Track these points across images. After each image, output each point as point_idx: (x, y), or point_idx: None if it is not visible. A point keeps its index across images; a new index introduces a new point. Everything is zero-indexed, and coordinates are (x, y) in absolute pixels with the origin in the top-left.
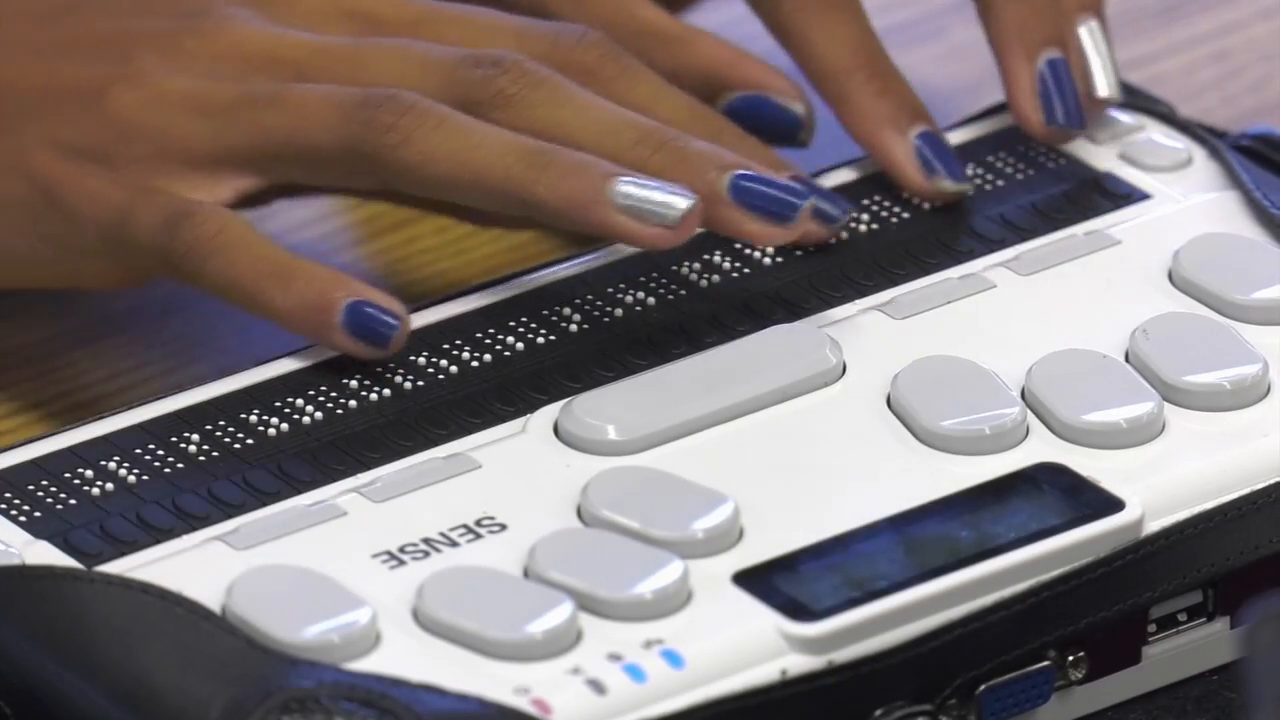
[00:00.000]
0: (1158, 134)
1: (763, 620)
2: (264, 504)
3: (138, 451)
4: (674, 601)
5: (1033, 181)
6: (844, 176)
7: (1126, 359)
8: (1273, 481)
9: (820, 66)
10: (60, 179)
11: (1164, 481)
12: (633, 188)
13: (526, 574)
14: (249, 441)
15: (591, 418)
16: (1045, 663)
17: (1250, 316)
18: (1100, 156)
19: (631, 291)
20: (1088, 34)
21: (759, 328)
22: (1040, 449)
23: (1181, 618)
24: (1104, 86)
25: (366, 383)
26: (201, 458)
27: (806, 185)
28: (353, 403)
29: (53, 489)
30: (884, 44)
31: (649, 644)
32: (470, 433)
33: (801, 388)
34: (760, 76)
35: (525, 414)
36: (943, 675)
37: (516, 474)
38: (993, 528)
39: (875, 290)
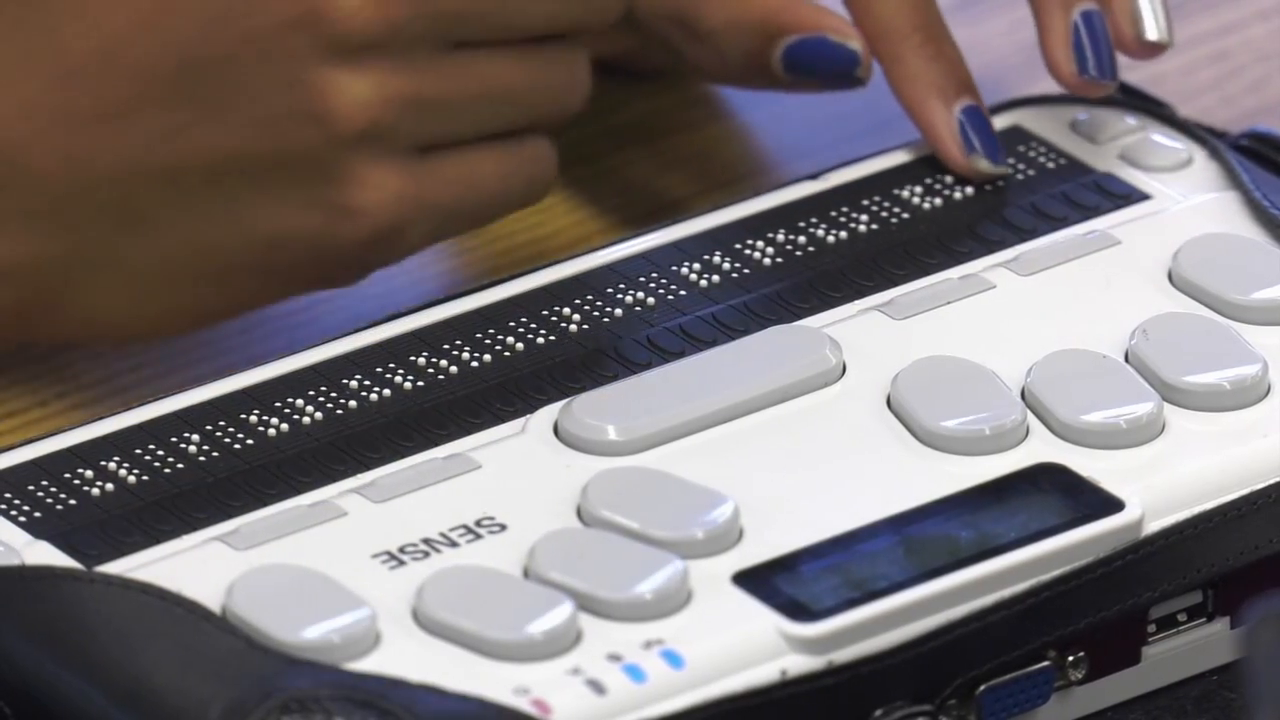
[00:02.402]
0: (1157, 134)
1: (763, 620)
2: (264, 504)
3: (138, 452)
4: (674, 602)
5: (1032, 181)
6: (844, 176)
7: (1126, 359)
8: (1272, 482)
9: (876, 26)
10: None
11: (1164, 482)
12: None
13: (526, 574)
14: (249, 442)
15: (591, 418)
16: (1045, 663)
17: (1250, 317)
18: (1100, 157)
19: (631, 291)
20: None
21: (759, 328)
22: (1040, 449)
23: (1181, 618)
24: (1153, 30)
25: (366, 383)
26: (201, 458)
27: None
28: (353, 403)
29: (53, 489)
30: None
31: (649, 644)
32: (470, 433)
33: (801, 388)
34: (815, 18)
35: (525, 414)
36: (943, 675)
37: (516, 474)
38: (993, 528)
39: (875, 291)
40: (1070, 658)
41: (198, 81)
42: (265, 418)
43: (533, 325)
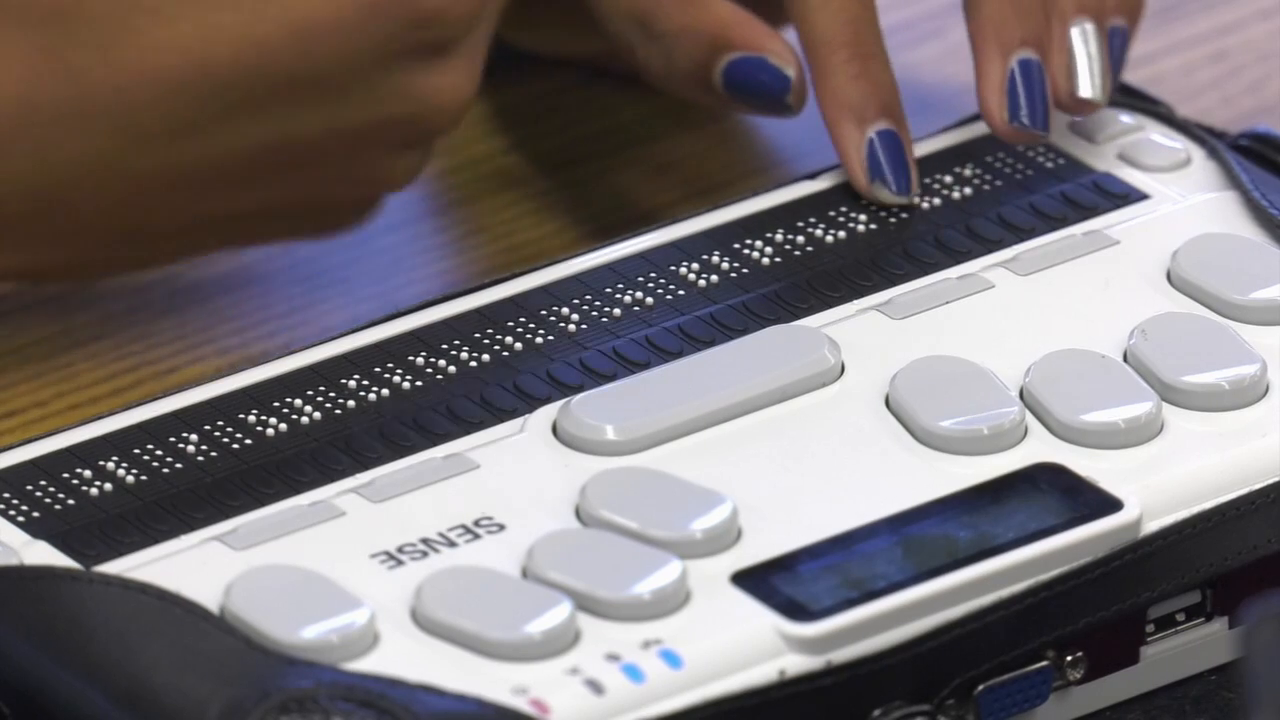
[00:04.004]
0: (1156, 134)
1: (761, 620)
2: (262, 504)
3: (136, 452)
4: (672, 602)
5: (1031, 182)
6: (843, 176)
7: (1125, 359)
8: (1271, 482)
9: (810, 37)
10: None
11: (1162, 481)
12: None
13: (525, 574)
14: (247, 442)
15: (590, 418)
16: (1043, 663)
17: (1249, 317)
18: (1099, 156)
19: (631, 291)
20: (1080, 35)
21: (758, 327)
22: (1038, 449)
23: (1180, 618)
24: (1087, 87)
25: (365, 383)
26: (200, 458)
27: None
28: (351, 403)
29: (51, 489)
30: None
31: (647, 644)
32: (469, 433)
33: (800, 388)
34: (761, 39)
35: (524, 414)
36: (941, 675)
37: (515, 474)
38: (991, 528)
39: (874, 290)
40: (1069, 657)
41: (290, 98)
42: (264, 417)
43: (531, 325)
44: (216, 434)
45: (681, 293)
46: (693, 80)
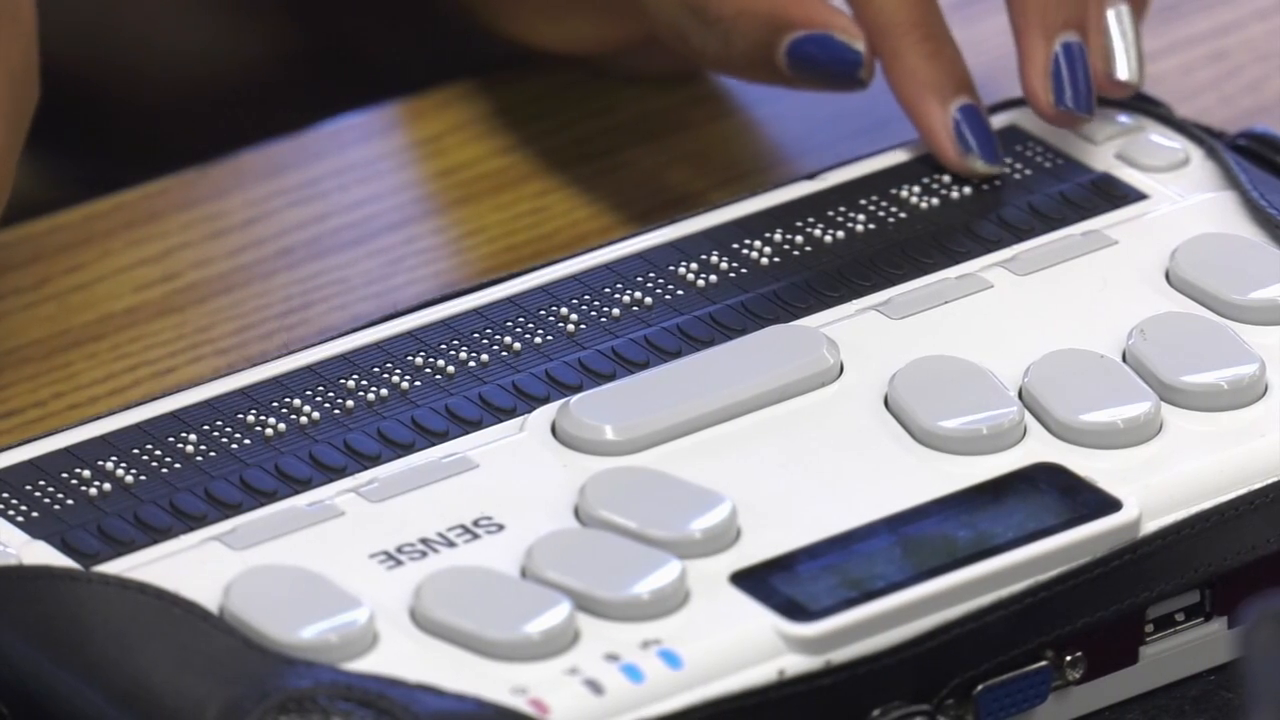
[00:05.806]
0: (1155, 134)
1: (760, 620)
2: (261, 504)
3: (135, 452)
4: (671, 602)
5: (1030, 181)
6: (842, 176)
7: (1124, 359)
8: (1270, 481)
9: (876, 22)
10: None
11: (1161, 481)
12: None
13: (524, 574)
14: (246, 442)
15: (589, 418)
16: (1043, 663)
17: (1247, 316)
18: (1097, 156)
19: (630, 291)
20: (1115, 17)
21: (757, 327)
22: (1037, 449)
23: (1179, 618)
24: (1124, 70)
25: (364, 383)
26: (199, 458)
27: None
28: (350, 403)
29: (50, 489)
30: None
31: (646, 644)
32: (467, 433)
33: (799, 388)
34: (824, 15)
35: (523, 414)
36: (940, 675)
37: (514, 474)
38: (990, 528)
39: (872, 290)
40: (1068, 657)
41: None
42: (263, 418)
43: (530, 325)
44: (215, 434)
45: (680, 293)
46: (754, 62)
